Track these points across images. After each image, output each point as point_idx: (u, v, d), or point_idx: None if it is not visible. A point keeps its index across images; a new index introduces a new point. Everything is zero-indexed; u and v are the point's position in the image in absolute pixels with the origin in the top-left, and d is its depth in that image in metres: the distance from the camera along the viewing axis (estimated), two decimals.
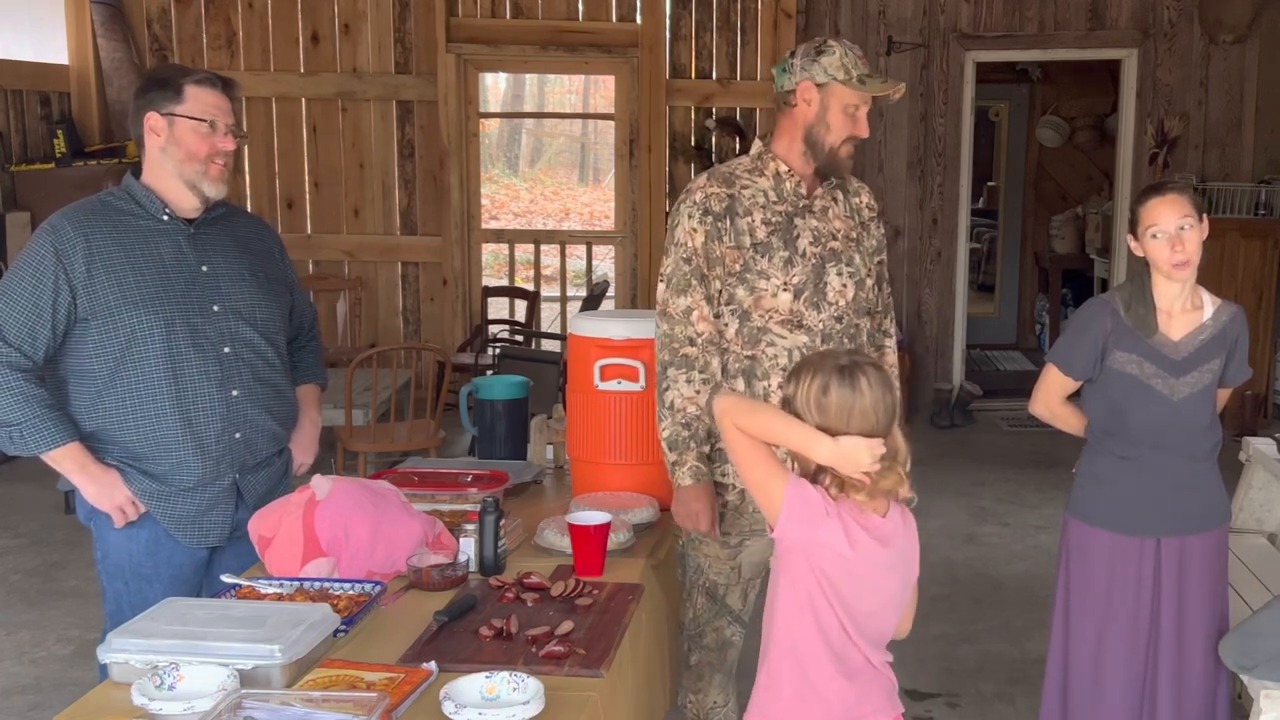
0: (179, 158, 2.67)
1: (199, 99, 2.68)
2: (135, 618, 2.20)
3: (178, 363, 2.66)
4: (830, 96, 2.77)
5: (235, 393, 2.73)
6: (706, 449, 2.81)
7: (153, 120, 2.68)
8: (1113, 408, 2.98)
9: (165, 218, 2.71)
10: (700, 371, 2.79)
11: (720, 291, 2.80)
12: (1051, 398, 3.10)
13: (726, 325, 2.80)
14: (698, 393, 2.78)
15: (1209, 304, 2.98)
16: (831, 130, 2.79)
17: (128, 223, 2.68)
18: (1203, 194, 7.56)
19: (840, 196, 2.90)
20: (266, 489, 2.82)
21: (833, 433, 2.07)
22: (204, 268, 2.73)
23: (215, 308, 2.72)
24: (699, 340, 2.79)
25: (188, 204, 2.72)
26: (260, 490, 2.81)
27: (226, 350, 2.72)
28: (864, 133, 2.82)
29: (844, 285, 2.82)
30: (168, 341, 2.64)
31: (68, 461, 2.64)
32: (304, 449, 2.98)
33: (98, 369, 2.64)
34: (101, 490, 2.65)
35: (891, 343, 3.00)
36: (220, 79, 2.75)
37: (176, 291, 2.67)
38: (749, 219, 2.79)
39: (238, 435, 2.75)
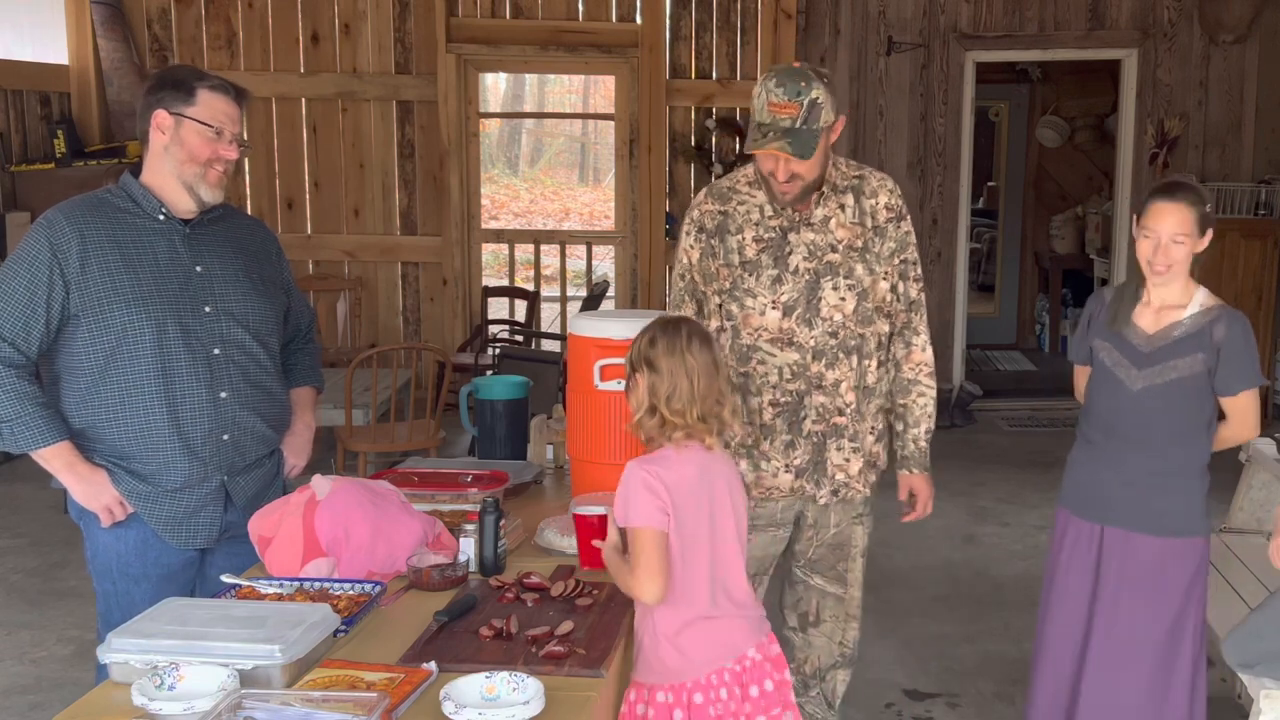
0: (180, 158, 2.67)
1: (210, 104, 2.67)
2: (135, 618, 2.19)
3: (168, 362, 2.65)
4: None
5: (224, 394, 2.72)
6: None
7: (160, 118, 2.67)
8: (1087, 393, 3.10)
9: (161, 217, 2.70)
10: None
11: (720, 306, 2.81)
12: (1079, 388, 3.21)
13: (728, 340, 2.82)
14: None
15: (1195, 304, 2.95)
16: (761, 159, 2.75)
17: (123, 220, 2.67)
18: None
19: (851, 202, 2.86)
20: (256, 491, 2.81)
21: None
22: (198, 268, 2.72)
23: (207, 308, 2.70)
24: None
25: (184, 205, 2.71)
26: (250, 492, 2.79)
27: (216, 352, 2.71)
28: (768, 170, 2.71)
29: (841, 300, 2.80)
30: (158, 341, 2.63)
31: (56, 460, 2.63)
32: (297, 452, 2.97)
33: (88, 366, 2.63)
34: (89, 490, 2.64)
35: (920, 340, 3.00)
36: (234, 88, 2.73)
37: (169, 291, 2.66)
38: (739, 236, 2.79)
39: (226, 437, 2.74)
